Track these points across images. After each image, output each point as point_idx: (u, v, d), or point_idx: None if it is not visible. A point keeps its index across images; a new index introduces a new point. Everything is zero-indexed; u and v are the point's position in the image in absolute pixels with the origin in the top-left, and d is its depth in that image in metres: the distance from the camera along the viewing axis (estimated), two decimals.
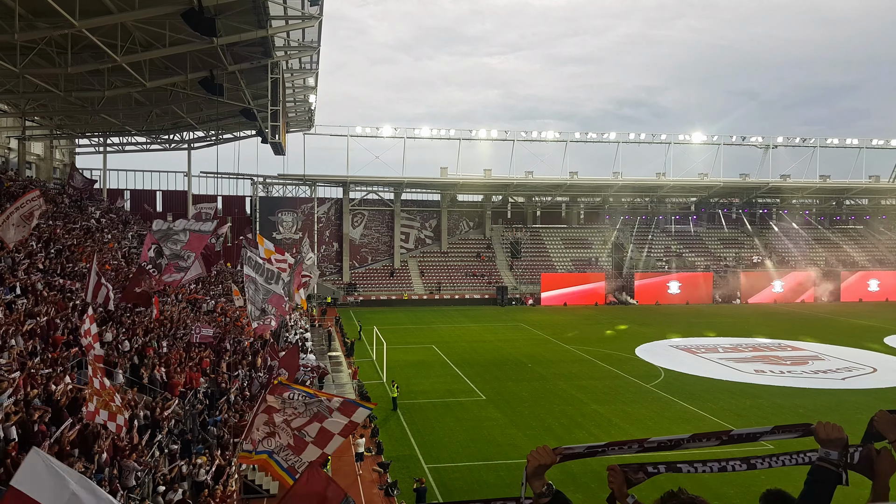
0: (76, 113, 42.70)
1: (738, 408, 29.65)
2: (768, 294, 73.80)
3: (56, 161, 55.38)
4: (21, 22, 23.36)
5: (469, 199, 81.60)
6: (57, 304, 21.31)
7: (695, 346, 45.66)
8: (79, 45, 27.11)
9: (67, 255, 29.30)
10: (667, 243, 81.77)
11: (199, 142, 61.69)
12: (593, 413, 28.91)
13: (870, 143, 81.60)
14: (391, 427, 27.11)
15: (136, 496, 13.74)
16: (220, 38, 26.27)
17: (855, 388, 33.57)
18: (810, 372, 37.40)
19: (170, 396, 19.22)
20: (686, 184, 78.36)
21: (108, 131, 53.67)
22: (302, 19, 28.91)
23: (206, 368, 24.02)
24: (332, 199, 76.14)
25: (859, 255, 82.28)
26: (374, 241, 76.85)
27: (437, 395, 31.99)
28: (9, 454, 12.03)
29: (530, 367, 38.47)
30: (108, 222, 44.38)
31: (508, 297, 70.59)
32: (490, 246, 79.06)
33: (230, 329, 32.09)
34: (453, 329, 52.98)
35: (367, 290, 71.02)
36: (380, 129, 73.82)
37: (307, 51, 35.19)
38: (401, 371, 35.76)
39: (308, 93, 48.73)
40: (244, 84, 34.12)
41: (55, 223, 34.02)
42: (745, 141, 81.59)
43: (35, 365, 15.72)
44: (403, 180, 73.21)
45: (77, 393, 15.51)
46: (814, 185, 79.50)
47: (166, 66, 31.47)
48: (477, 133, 75.96)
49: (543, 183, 76.58)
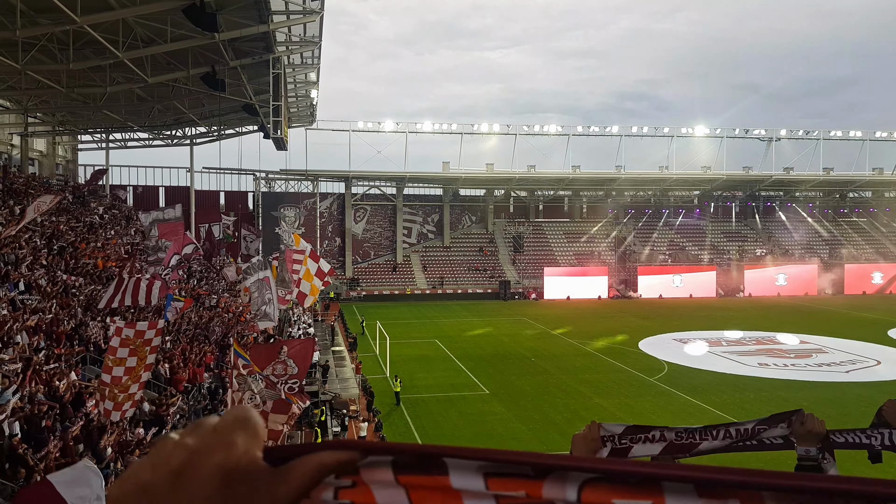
0: (78, 109, 42.70)
1: (742, 401, 29.65)
2: (772, 287, 73.70)
3: (59, 157, 55.42)
4: (23, 18, 23.37)
5: (471, 194, 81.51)
6: (61, 300, 21.37)
7: (698, 339, 45.65)
8: (80, 42, 27.09)
9: (71, 251, 29.34)
10: (670, 237, 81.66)
11: (202, 137, 61.64)
12: (597, 407, 28.93)
13: (873, 136, 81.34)
14: (395, 421, 27.18)
15: None
16: (221, 34, 26.26)
17: (859, 380, 33.55)
18: (814, 365, 37.37)
19: (174, 392, 19.27)
20: (689, 177, 78.20)
21: (110, 127, 53.68)
22: (303, 14, 28.87)
23: (210, 364, 24.08)
24: (334, 195, 76.12)
25: (863, 248, 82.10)
26: (376, 236, 76.88)
27: (441, 390, 32.04)
28: (14, 449, 12.08)
29: (533, 361, 38.50)
30: (112, 218, 44.43)
31: (511, 291, 70.58)
32: (492, 240, 79.03)
33: (234, 324, 32.16)
34: (456, 323, 53.02)
35: (369, 285, 71.07)
36: (381, 124, 73.75)
37: (308, 46, 35.13)
38: (404, 365, 35.81)
39: (310, 88, 48.67)
40: (246, 79, 34.10)
41: (58, 219, 34.06)
42: (748, 134, 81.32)
43: (39, 361, 15.77)
44: (405, 175, 73.16)
45: (82, 389, 15.57)
46: (817, 177, 79.27)
47: (168, 62, 31.47)
48: (479, 127, 75.85)
49: (546, 177, 76.48)
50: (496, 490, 0.71)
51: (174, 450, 0.72)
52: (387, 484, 0.74)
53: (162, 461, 0.71)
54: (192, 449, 0.71)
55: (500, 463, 0.71)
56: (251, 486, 0.71)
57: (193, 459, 0.70)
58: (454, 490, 0.72)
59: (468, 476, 0.72)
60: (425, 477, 0.73)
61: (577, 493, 0.68)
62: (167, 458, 0.71)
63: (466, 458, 0.72)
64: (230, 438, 0.73)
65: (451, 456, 0.72)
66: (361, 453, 0.75)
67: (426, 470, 0.73)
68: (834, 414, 26.08)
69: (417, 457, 0.74)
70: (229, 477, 0.70)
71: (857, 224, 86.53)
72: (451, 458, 0.72)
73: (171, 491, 0.69)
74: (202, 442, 0.72)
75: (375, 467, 0.75)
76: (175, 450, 0.72)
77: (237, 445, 0.72)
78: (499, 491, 0.71)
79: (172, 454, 0.71)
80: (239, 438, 0.73)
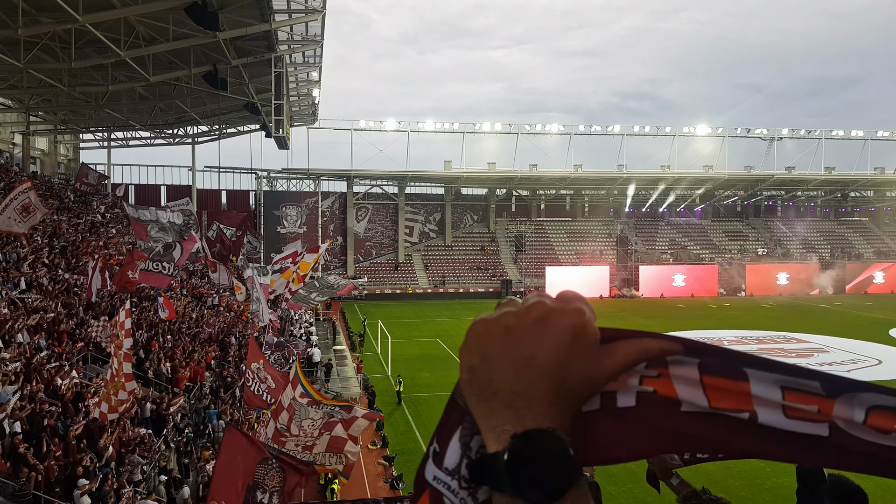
0: (80, 108, 42.73)
1: None
2: (773, 286, 73.59)
3: (60, 156, 55.50)
4: (24, 17, 23.38)
5: (473, 193, 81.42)
6: (62, 299, 21.40)
7: (700, 338, 45.00)
8: (82, 40, 27.11)
9: (72, 250, 29.38)
10: (672, 236, 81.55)
11: (203, 136, 61.70)
12: None
13: (875, 135, 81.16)
14: (396, 421, 27.18)
15: (142, 490, 13.80)
16: (223, 33, 26.26)
17: (860, 380, 33.47)
18: (815, 364, 37.27)
19: (176, 391, 19.29)
20: (691, 176, 78.02)
21: (112, 126, 53.73)
22: (305, 13, 28.86)
23: (211, 363, 24.11)
24: (336, 193, 76.09)
25: (864, 248, 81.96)
26: (378, 235, 76.85)
27: (442, 389, 32.00)
28: (15, 448, 12.09)
29: None
30: (113, 217, 44.47)
31: (513, 290, 70.49)
32: (494, 239, 78.98)
33: (235, 323, 32.17)
34: (458, 322, 52.96)
35: (371, 284, 71.04)
36: (383, 123, 73.70)
37: (311, 45, 35.11)
38: (405, 364, 35.79)
39: (312, 87, 48.65)
40: (248, 78, 34.08)
41: (60, 218, 34.10)
42: (749, 133, 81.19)
43: (40, 359, 15.78)
44: (407, 174, 73.12)
45: (83, 388, 15.58)
46: (819, 177, 79.10)
47: (170, 61, 31.46)
48: (481, 126, 75.75)
49: (548, 176, 76.40)
50: (791, 402, 0.79)
51: (537, 305, 0.88)
52: (690, 381, 0.84)
53: (526, 311, 0.87)
54: (551, 308, 0.87)
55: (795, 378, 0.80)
56: (590, 348, 0.85)
57: (552, 314, 0.86)
58: (753, 396, 0.81)
59: (768, 387, 0.80)
60: (728, 381, 0.82)
61: (864, 415, 0.76)
62: (530, 310, 0.87)
63: (767, 371, 0.81)
64: (580, 306, 0.87)
65: (753, 367, 0.82)
66: (684, 348, 0.86)
67: (731, 375, 0.82)
68: None
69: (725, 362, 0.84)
70: (577, 334, 0.85)
71: (858, 223, 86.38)
72: (753, 370, 0.81)
73: (531, 334, 0.85)
74: (559, 304, 0.88)
75: (684, 364, 0.86)
76: (538, 305, 0.88)
77: (586, 313, 0.87)
78: (793, 403, 0.79)
79: (534, 308, 0.87)
80: (586, 308, 0.87)
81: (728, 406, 0.82)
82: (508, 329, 0.86)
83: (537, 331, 0.85)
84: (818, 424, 0.79)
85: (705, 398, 0.83)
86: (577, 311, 0.86)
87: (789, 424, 0.80)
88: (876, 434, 0.75)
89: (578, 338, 0.85)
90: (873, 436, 0.76)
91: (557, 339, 0.84)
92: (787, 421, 0.80)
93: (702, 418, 0.84)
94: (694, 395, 0.84)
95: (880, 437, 0.75)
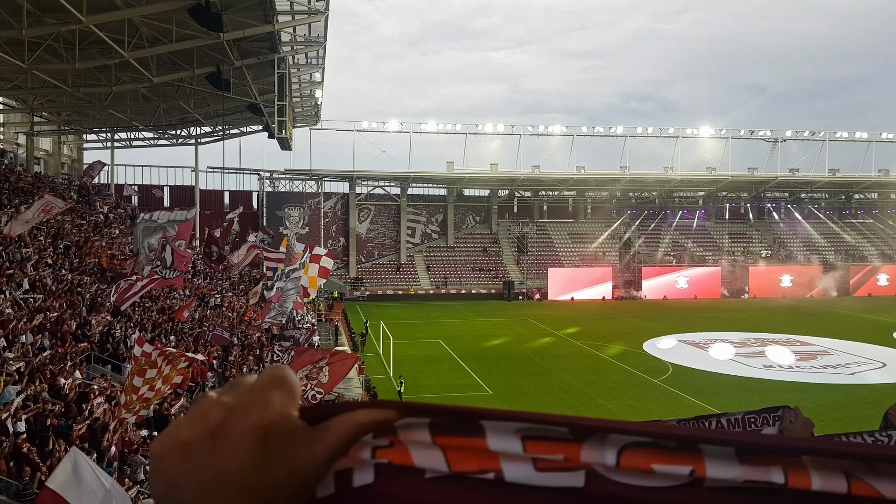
0: (84, 108, 42.85)
1: (747, 403, 29.51)
2: (777, 289, 73.45)
3: (64, 156, 55.61)
4: (29, 18, 23.44)
5: (475, 194, 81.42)
6: (66, 299, 21.42)
7: (703, 340, 45.51)
8: (86, 41, 27.19)
9: (76, 250, 29.43)
10: (675, 238, 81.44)
11: (206, 137, 61.82)
12: (600, 408, 28.88)
13: (879, 137, 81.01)
14: None
15: (145, 490, 13.81)
16: (226, 34, 26.30)
17: (864, 382, 33.42)
18: (819, 367, 37.24)
19: (178, 391, 19.29)
20: (694, 178, 77.93)
21: (115, 127, 53.85)
22: (308, 14, 28.91)
23: (214, 363, 24.12)
24: (338, 194, 76.17)
25: (869, 250, 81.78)
26: (380, 236, 76.89)
27: (444, 390, 32.03)
28: (19, 448, 12.11)
29: (537, 361, 38.45)
30: (116, 217, 44.55)
31: (515, 291, 70.48)
32: (496, 240, 78.96)
33: (237, 323, 32.20)
34: (459, 324, 52.98)
35: (373, 285, 71.06)
36: (386, 124, 73.75)
37: (313, 46, 35.17)
38: (407, 365, 35.80)
39: (314, 88, 48.72)
40: (251, 79, 34.15)
41: (63, 218, 34.15)
42: (753, 135, 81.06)
43: (43, 359, 15.81)
44: (409, 175, 73.16)
45: (85, 388, 15.59)
46: (823, 178, 78.93)
47: (173, 62, 31.54)
48: (483, 128, 75.77)
49: (550, 177, 76.37)
50: (534, 453, 0.69)
51: (212, 408, 0.71)
52: (424, 445, 0.73)
53: (200, 419, 0.71)
54: (228, 407, 0.71)
55: (537, 425, 0.70)
56: (287, 444, 0.71)
57: (230, 417, 0.70)
58: (491, 452, 0.71)
59: (506, 438, 0.70)
60: (462, 439, 0.72)
61: (615, 457, 0.67)
62: (205, 416, 0.71)
63: (504, 421, 0.70)
64: (266, 397, 0.72)
65: (488, 418, 0.71)
66: (399, 413, 0.74)
67: (464, 432, 0.72)
68: (839, 416, 26.01)
69: (455, 418, 0.73)
70: (266, 435, 0.70)
71: (862, 225, 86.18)
72: (489, 421, 0.71)
73: (209, 448, 0.69)
74: (239, 400, 0.72)
75: (413, 428, 0.74)
76: (213, 408, 0.71)
77: (273, 404, 0.72)
78: (536, 454, 0.69)
79: (210, 412, 0.71)
80: (275, 397, 0.72)
81: (470, 468, 0.71)
82: (186, 445, 0.69)
83: (217, 443, 0.69)
84: (572, 474, 0.68)
85: (444, 462, 0.72)
86: (262, 405, 0.71)
87: (542, 479, 0.69)
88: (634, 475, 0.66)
89: (267, 438, 0.70)
90: (631, 478, 0.66)
91: (242, 449, 0.69)
92: (538, 475, 0.69)
93: (448, 485, 0.73)
94: (433, 461, 0.73)
95: (639, 478, 0.66)
